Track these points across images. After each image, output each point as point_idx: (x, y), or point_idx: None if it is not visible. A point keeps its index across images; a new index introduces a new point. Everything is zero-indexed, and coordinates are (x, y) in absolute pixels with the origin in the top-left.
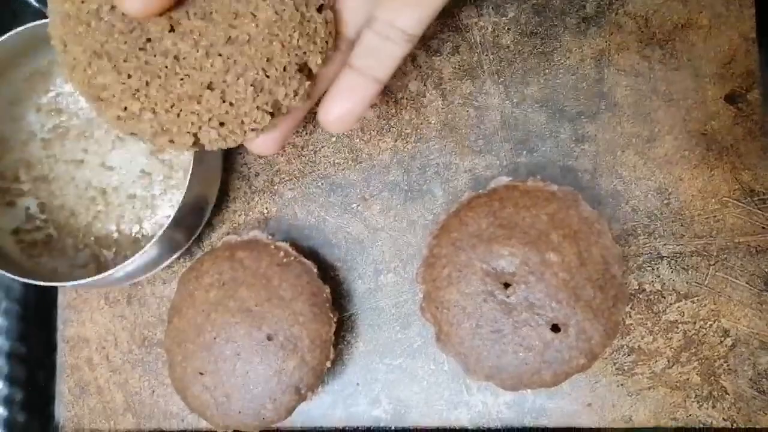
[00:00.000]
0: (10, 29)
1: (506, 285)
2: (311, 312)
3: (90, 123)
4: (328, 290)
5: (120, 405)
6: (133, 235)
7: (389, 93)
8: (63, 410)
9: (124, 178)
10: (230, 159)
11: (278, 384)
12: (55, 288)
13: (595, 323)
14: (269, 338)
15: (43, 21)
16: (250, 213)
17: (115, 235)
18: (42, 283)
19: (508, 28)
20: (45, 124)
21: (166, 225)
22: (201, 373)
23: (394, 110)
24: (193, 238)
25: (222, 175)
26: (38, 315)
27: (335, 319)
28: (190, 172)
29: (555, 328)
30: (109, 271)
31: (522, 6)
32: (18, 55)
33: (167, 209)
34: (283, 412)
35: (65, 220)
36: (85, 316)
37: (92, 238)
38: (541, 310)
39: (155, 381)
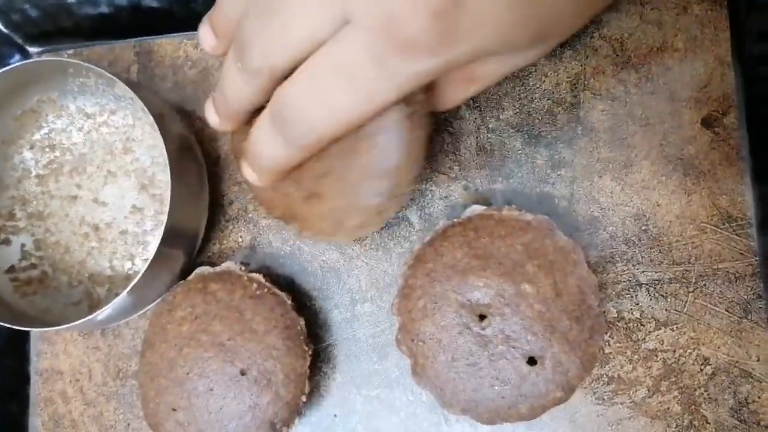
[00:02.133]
0: None
1: (482, 317)
2: (285, 346)
3: (83, 158)
4: (302, 322)
5: None
6: (126, 271)
7: None
8: None
9: (116, 213)
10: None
11: (252, 420)
12: None
13: (572, 355)
14: (243, 373)
15: (30, 60)
16: (224, 242)
17: (108, 271)
18: (33, 329)
19: None
20: (39, 161)
21: (146, 265)
22: (174, 409)
23: None
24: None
25: None
26: (10, 347)
27: (310, 352)
28: (168, 206)
29: (531, 361)
30: (95, 314)
31: None
32: (6, 94)
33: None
34: None
35: (60, 257)
36: (58, 348)
37: (86, 275)
38: (517, 343)
39: (130, 414)
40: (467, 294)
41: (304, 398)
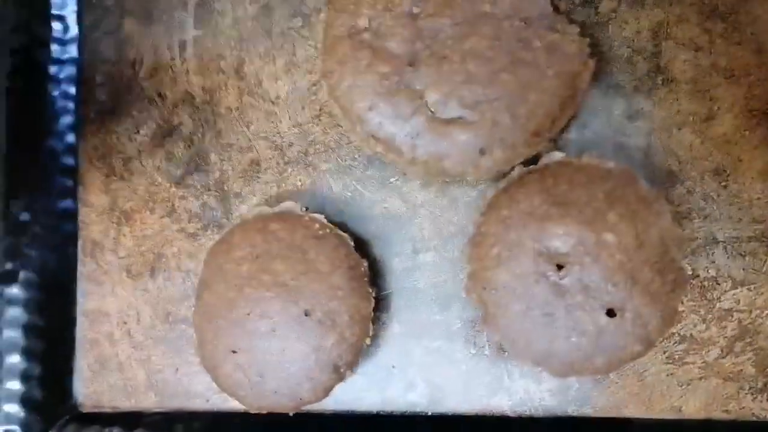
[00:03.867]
0: None
1: (559, 266)
2: (350, 286)
3: None
4: (366, 264)
5: (142, 383)
6: None
7: None
8: (81, 387)
9: None
10: (263, 127)
11: (316, 362)
12: (75, 259)
13: (653, 309)
14: (306, 314)
15: None
16: (283, 185)
17: None
18: None
19: None
20: None
21: None
22: (233, 351)
23: None
24: None
25: (252, 143)
26: (57, 286)
27: (374, 294)
28: None
29: (610, 313)
30: None
31: None
32: None
33: None
34: (320, 391)
35: None
36: (106, 289)
37: None
38: (596, 293)
39: (179, 359)
40: (545, 242)
41: (368, 341)
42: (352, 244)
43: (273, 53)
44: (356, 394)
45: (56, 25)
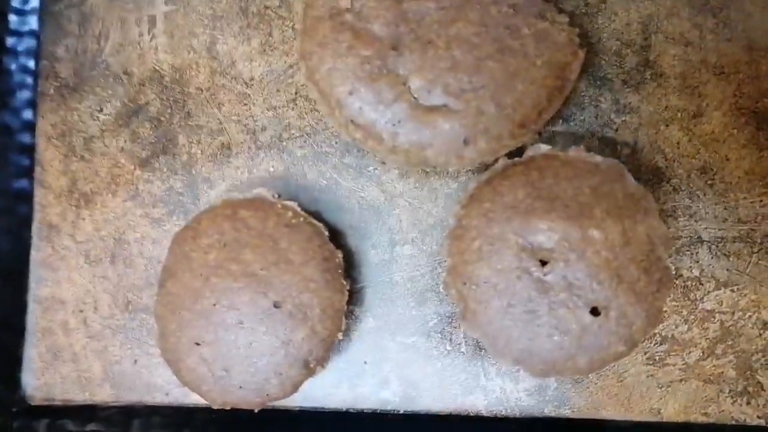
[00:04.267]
0: None
1: (543, 262)
2: (323, 278)
3: None
4: (340, 255)
5: (97, 374)
6: None
7: None
8: (32, 378)
9: None
10: (235, 109)
11: (285, 357)
12: (29, 243)
13: (638, 308)
14: (276, 306)
15: None
16: (254, 170)
17: None
18: None
19: None
20: None
21: None
22: (198, 344)
23: None
24: None
25: (223, 126)
26: (8, 271)
27: (348, 286)
28: None
29: (594, 311)
30: None
31: None
32: None
33: None
34: (289, 387)
35: None
36: (61, 276)
37: None
38: (581, 291)
39: (138, 350)
40: (529, 237)
41: (340, 336)
42: (327, 234)
43: (248, 33)
44: (326, 390)
45: None
